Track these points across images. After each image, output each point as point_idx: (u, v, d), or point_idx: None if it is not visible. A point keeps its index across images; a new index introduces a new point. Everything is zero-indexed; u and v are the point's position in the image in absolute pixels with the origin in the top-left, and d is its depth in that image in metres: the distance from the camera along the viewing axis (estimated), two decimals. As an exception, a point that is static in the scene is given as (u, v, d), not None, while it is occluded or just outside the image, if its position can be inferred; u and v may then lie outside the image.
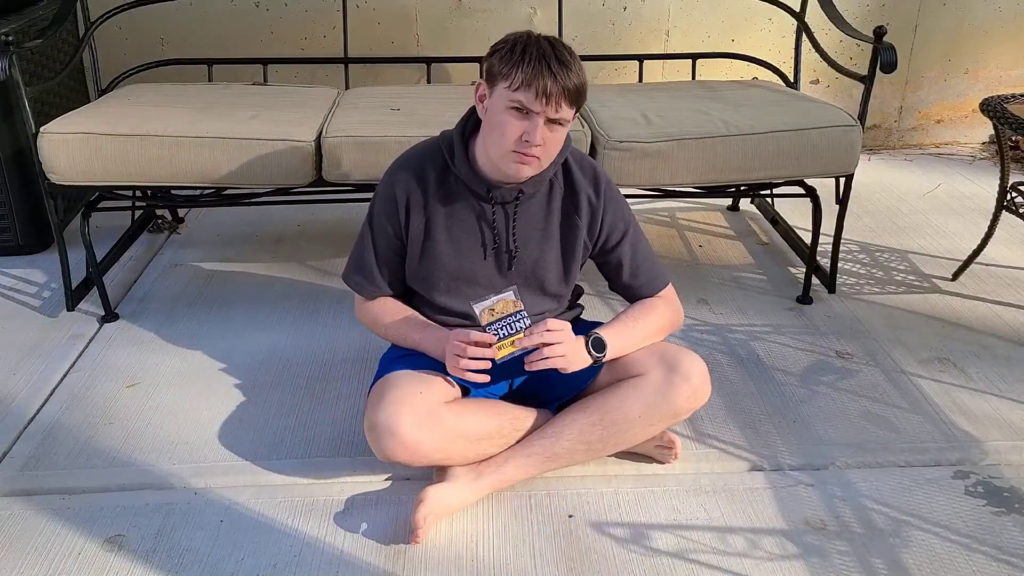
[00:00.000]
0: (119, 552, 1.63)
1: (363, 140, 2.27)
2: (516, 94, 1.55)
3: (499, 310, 1.61)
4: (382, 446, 1.64)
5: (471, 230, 1.74)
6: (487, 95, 1.62)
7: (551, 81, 1.53)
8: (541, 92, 1.53)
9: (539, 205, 1.75)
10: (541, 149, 1.59)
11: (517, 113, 1.56)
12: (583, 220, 1.76)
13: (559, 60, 1.54)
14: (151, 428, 1.98)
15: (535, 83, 1.53)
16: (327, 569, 1.59)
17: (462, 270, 1.77)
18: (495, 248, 1.76)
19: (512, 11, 3.51)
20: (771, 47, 3.61)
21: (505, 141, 1.59)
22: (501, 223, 1.74)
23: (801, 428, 1.97)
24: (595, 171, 1.79)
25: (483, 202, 1.72)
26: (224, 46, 3.37)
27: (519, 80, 1.54)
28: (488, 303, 1.61)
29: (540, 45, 1.55)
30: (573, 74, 1.55)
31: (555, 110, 1.55)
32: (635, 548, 1.64)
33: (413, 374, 1.72)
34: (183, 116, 2.36)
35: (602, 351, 1.70)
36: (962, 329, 2.40)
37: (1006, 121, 2.36)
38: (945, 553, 1.62)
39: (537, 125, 1.56)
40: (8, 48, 2.18)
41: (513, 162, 1.61)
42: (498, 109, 1.58)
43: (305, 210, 3.13)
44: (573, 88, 1.55)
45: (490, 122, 1.61)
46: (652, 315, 1.81)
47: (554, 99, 1.54)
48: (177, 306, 2.53)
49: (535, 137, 1.56)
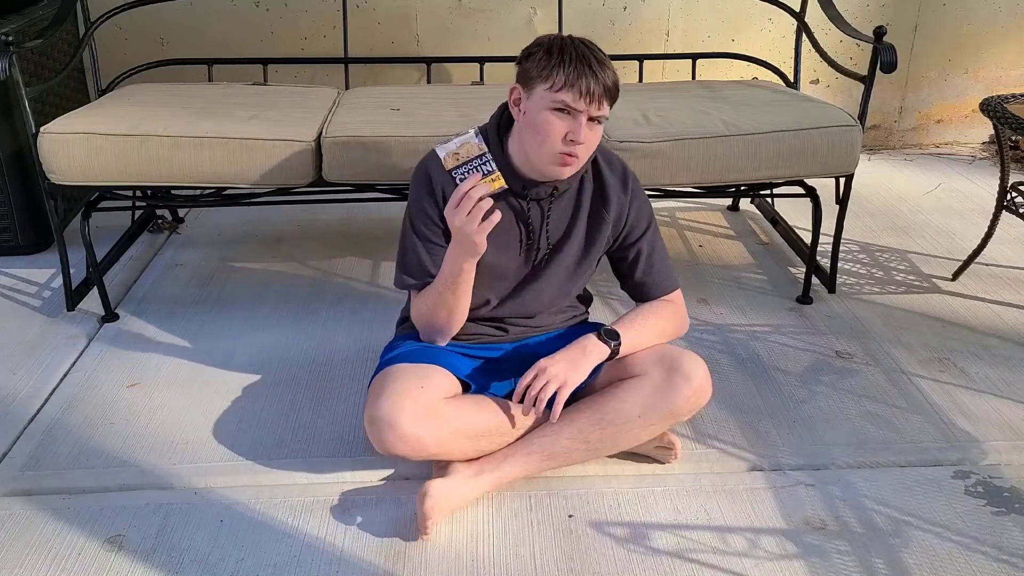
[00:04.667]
0: (119, 552, 1.63)
1: (363, 140, 2.27)
2: (559, 95, 1.56)
3: (463, 154, 1.57)
4: (382, 439, 1.64)
5: (506, 224, 1.72)
6: (523, 98, 1.62)
7: (593, 80, 1.55)
8: (585, 91, 1.55)
9: (570, 201, 1.76)
10: (584, 148, 1.61)
11: (560, 114, 1.58)
12: (611, 215, 1.77)
13: (598, 60, 1.58)
14: (151, 428, 1.98)
15: (578, 83, 1.55)
16: (327, 569, 1.59)
17: (497, 265, 1.76)
18: (528, 243, 1.77)
19: (512, 11, 3.51)
20: (771, 47, 3.61)
21: (550, 142, 1.59)
22: (536, 219, 1.74)
23: (801, 428, 1.97)
24: (623, 167, 1.81)
25: (519, 199, 1.72)
26: (224, 46, 3.37)
27: (561, 81, 1.56)
28: (452, 146, 1.57)
29: (576, 46, 1.58)
30: (611, 72, 1.59)
31: (597, 108, 1.58)
32: (635, 548, 1.64)
33: (414, 368, 1.72)
34: (183, 116, 2.36)
35: (616, 339, 1.71)
36: (962, 329, 2.40)
37: (1006, 121, 2.36)
38: (945, 553, 1.62)
39: (581, 124, 1.57)
40: (8, 48, 2.18)
41: (557, 164, 1.62)
42: (538, 110, 1.59)
43: (305, 210, 3.13)
44: (612, 85, 1.58)
45: (531, 124, 1.61)
46: (660, 317, 1.82)
47: (597, 97, 1.56)
48: (177, 306, 2.53)
49: (580, 135, 1.58)
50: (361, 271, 2.75)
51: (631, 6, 3.55)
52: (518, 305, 1.84)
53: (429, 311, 1.76)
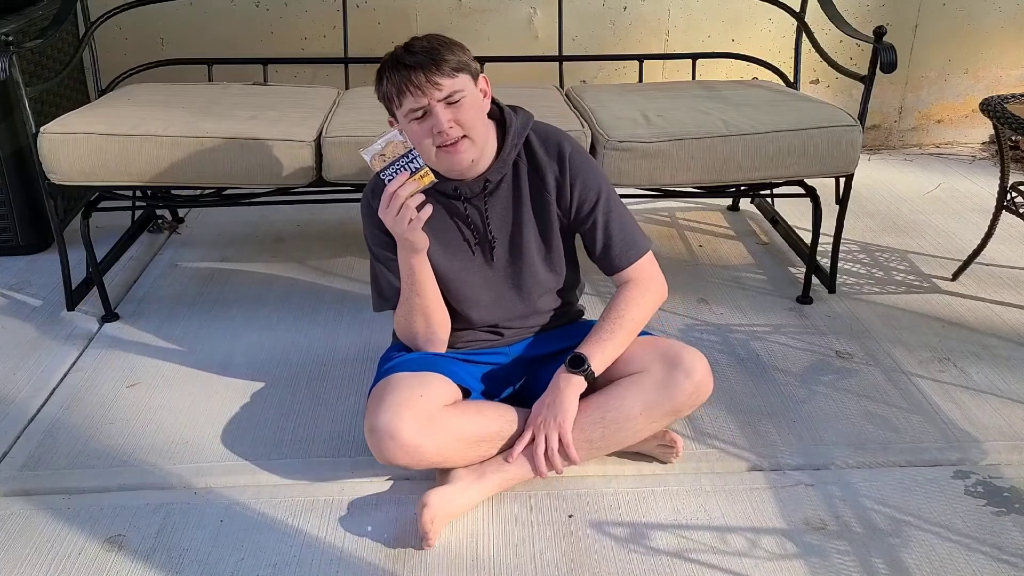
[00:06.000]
0: (119, 552, 1.63)
1: (363, 140, 2.25)
2: (403, 107, 1.62)
3: (389, 154, 1.59)
4: (382, 449, 1.64)
5: (451, 229, 1.76)
6: (397, 125, 1.67)
7: (410, 73, 1.59)
8: (413, 88, 1.59)
9: (508, 190, 1.76)
10: (458, 128, 1.62)
11: (418, 120, 1.62)
12: (551, 193, 1.76)
13: (410, 52, 1.61)
14: (151, 428, 1.98)
15: (403, 86, 1.59)
16: (327, 569, 1.59)
17: (455, 271, 1.78)
18: (477, 243, 1.77)
19: (512, 11, 3.51)
20: (771, 47, 3.61)
21: (426, 145, 1.63)
22: (476, 217, 1.76)
23: (801, 428, 1.97)
24: (559, 142, 1.78)
25: (453, 200, 1.74)
26: (224, 46, 3.37)
27: (394, 95, 1.62)
28: (377, 148, 1.59)
29: (393, 55, 1.63)
30: (423, 53, 1.60)
31: (437, 90, 1.59)
32: (635, 548, 1.64)
33: (413, 376, 1.72)
34: (183, 116, 2.36)
35: (582, 365, 1.70)
36: (962, 329, 2.40)
37: (1006, 121, 2.36)
38: (945, 553, 1.62)
39: (436, 114, 1.60)
40: (8, 48, 2.18)
41: (445, 156, 1.64)
42: (405, 127, 1.64)
43: (305, 210, 3.13)
44: (430, 62, 1.59)
45: (411, 140, 1.64)
46: (629, 307, 1.77)
47: (424, 84, 1.58)
48: (177, 306, 2.53)
49: (441, 123, 1.60)
50: (361, 271, 2.75)
51: (631, 6, 3.55)
52: (504, 307, 1.84)
53: (407, 321, 1.79)
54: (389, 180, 1.60)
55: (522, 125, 1.75)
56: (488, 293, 1.82)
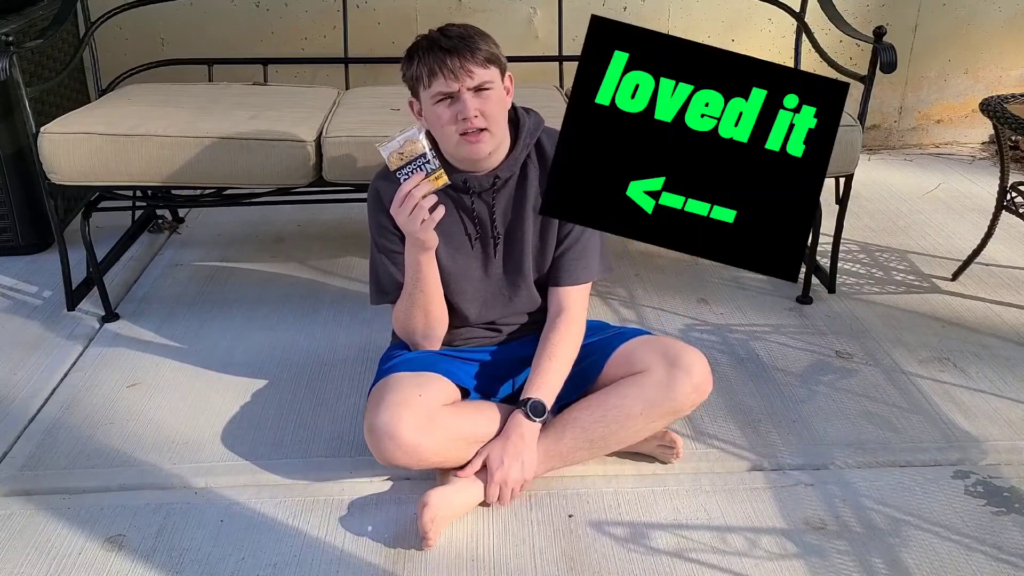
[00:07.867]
0: (119, 552, 1.63)
1: (363, 140, 2.27)
2: (432, 88, 1.63)
3: (407, 153, 1.60)
4: (381, 449, 1.64)
5: (455, 223, 1.76)
6: (419, 106, 1.69)
7: (445, 56, 1.60)
8: (447, 71, 1.60)
9: (516, 188, 1.77)
10: (482, 119, 1.63)
11: (444, 103, 1.63)
12: None
13: (446, 36, 1.63)
14: (151, 428, 1.98)
15: (435, 67, 1.61)
16: (327, 569, 1.59)
17: (457, 264, 1.78)
18: (479, 237, 1.78)
19: (512, 11, 3.51)
20: (771, 47, 3.61)
21: (447, 130, 1.65)
22: (482, 212, 1.76)
23: (801, 428, 1.97)
24: None
25: (462, 193, 1.75)
26: (224, 46, 3.37)
27: (425, 75, 1.63)
28: (395, 145, 1.60)
29: (428, 38, 1.65)
30: (463, 40, 1.62)
31: (469, 77, 1.61)
32: (635, 548, 1.64)
33: (412, 376, 1.72)
34: (183, 116, 2.36)
35: (543, 415, 1.71)
36: (962, 329, 2.40)
37: (1006, 121, 2.36)
38: (945, 553, 1.62)
39: (464, 100, 1.61)
40: (8, 48, 2.18)
41: (465, 145, 1.65)
42: (429, 109, 1.66)
43: (305, 210, 3.13)
44: (465, 48, 1.61)
45: (431, 123, 1.67)
46: (558, 346, 1.76)
47: (459, 70, 1.60)
48: (177, 306, 2.53)
49: (467, 110, 1.61)
50: (361, 271, 2.75)
51: (631, 6, 3.55)
52: (503, 304, 1.84)
53: (406, 316, 1.79)
54: (404, 179, 1.61)
55: (534, 126, 1.76)
56: (485, 289, 1.82)
